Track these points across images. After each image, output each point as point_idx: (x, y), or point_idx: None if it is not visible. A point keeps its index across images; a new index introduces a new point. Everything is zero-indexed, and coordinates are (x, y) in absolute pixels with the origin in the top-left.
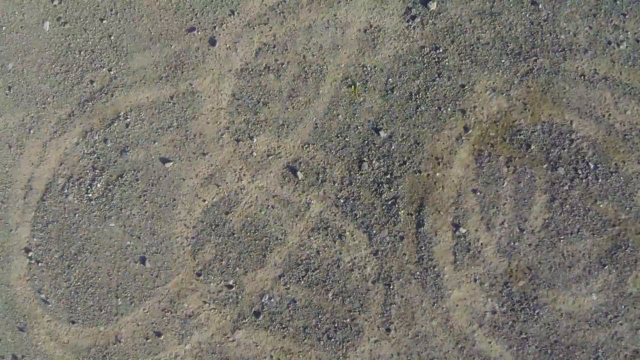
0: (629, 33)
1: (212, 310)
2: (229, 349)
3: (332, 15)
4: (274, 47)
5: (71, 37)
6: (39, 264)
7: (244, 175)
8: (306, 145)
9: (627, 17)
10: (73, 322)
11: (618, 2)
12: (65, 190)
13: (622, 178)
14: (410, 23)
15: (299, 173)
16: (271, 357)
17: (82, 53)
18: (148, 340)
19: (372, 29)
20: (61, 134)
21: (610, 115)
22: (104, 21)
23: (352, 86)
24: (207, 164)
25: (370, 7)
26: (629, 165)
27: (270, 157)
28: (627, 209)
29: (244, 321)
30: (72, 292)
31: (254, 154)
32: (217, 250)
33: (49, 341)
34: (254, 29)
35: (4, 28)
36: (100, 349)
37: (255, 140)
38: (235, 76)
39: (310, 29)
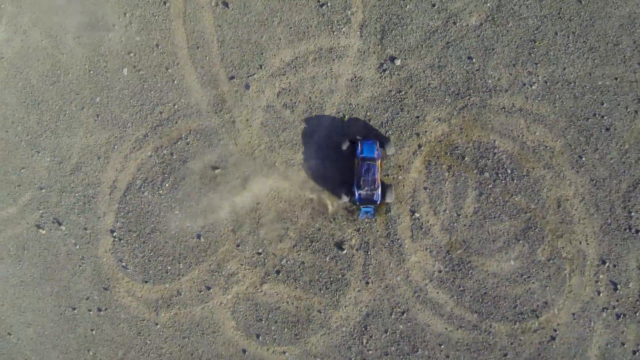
0: (539, 77)
1: (247, 270)
2: (258, 297)
3: (329, 69)
4: (290, 91)
5: (144, 80)
6: (121, 241)
7: (270, 178)
8: (316, 151)
9: (538, 65)
10: (146, 282)
11: (532, 55)
12: (142, 189)
13: (531, 179)
14: (382, 74)
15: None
16: (287, 302)
17: (152, 92)
18: (201, 293)
19: (356, 78)
20: (138, 149)
21: (523, 135)
22: (169, 70)
23: (343, 117)
24: (243, 170)
25: (354, 63)
26: (536, 170)
27: (290, 164)
28: (536, 201)
29: (268, 277)
30: (146, 260)
31: (276, 164)
32: (250, 229)
33: (127, 296)
34: (275, 78)
35: (91, 72)
36: (166, 300)
37: (279, 152)
38: (263, 111)
39: (314, 79)
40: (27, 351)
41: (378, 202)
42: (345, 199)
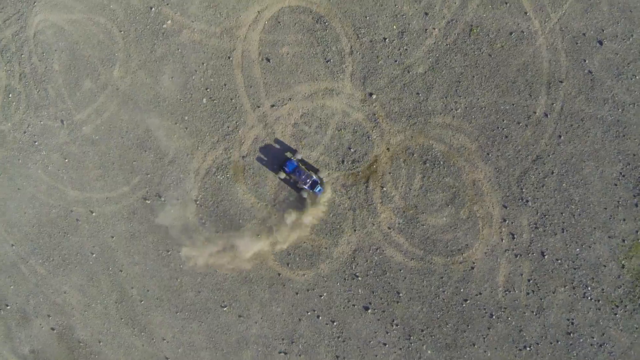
0: (462, 104)
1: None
2: None
3: (331, 101)
4: (307, 114)
5: (217, 106)
6: (201, 207)
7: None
8: (323, 155)
9: (461, 97)
10: (217, 232)
11: (457, 90)
12: (216, 174)
13: (456, 168)
14: (364, 104)
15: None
16: (305, 242)
17: (222, 114)
18: (251, 240)
19: (348, 106)
20: (213, 149)
21: (450, 141)
22: (232, 100)
23: (341, 130)
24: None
25: (347, 97)
26: (459, 162)
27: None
28: (459, 181)
29: None
30: (218, 219)
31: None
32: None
33: (205, 242)
34: (299, 105)
35: (181, 99)
36: (227, 248)
37: (299, 155)
38: (292, 126)
39: (323, 106)
40: (133, 282)
41: (318, 183)
42: (304, 193)
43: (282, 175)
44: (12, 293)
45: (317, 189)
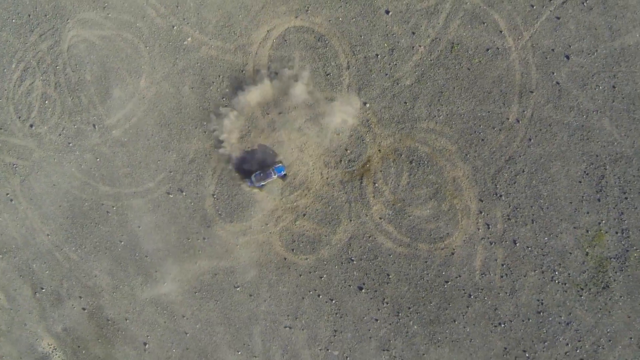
0: (443, 112)
1: (287, 214)
2: (293, 228)
3: (331, 107)
4: (311, 118)
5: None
6: (218, 200)
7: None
8: (323, 155)
9: (443, 105)
10: (231, 222)
11: (439, 99)
12: (230, 172)
13: (438, 166)
14: (359, 111)
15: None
16: (308, 230)
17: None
18: (262, 227)
19: (345, 113)
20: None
21: (434, 143)
22: (245, 108)
23: (339, 134)
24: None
25: (345, 105)
26: (441, 162)
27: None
28: (441, 178)
29: (298, 218)
30: (232, 210)
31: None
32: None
33: (220, 230)
34: (304, 111)
35: (200, 107)
36: (243, 231)
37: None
38: (296, 132)
39: (324, 112)
40: (156, 266)
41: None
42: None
43: (255, 185)
44: (47, 277)
45: (282, 174)
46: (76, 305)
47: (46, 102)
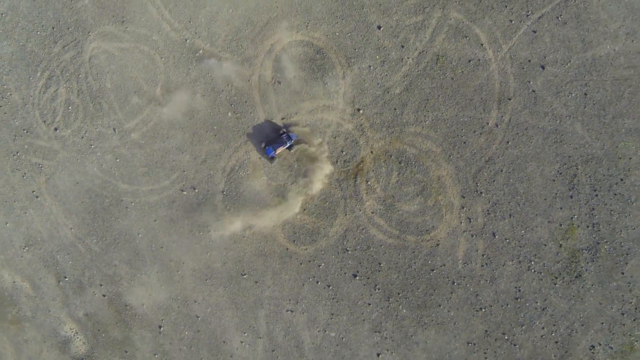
0: (429, 117)
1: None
2: (295, 221)
3: (327, 115)
4: (309, 124)
5: (238, 118)
6: (227, 196)
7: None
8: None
9: (429, 111)
10: (239, 216)
11: (425, 106)
12: (239, 171)
13: (424, 166)
14: (353, 117)
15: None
16: (309, 223)
17: (245, 125)
18: (267, 219)
19: (341, 119)
20: (236, 152)
21: (420, 145)
22: (251, 114)
23: (335, 137)
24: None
25: (341, 111)
26: (427, 162)
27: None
28: (426, 177)
29: (300, 212)
30: (240, 205)
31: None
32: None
33: (228, 221)
34: (303, 117)
35: (211, 120)
36: (247, 224)
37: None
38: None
39: (322, 118)
40: (171, 256)
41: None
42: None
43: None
44: (70, 267)
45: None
46: (97, 292)
47: (69, 107)
